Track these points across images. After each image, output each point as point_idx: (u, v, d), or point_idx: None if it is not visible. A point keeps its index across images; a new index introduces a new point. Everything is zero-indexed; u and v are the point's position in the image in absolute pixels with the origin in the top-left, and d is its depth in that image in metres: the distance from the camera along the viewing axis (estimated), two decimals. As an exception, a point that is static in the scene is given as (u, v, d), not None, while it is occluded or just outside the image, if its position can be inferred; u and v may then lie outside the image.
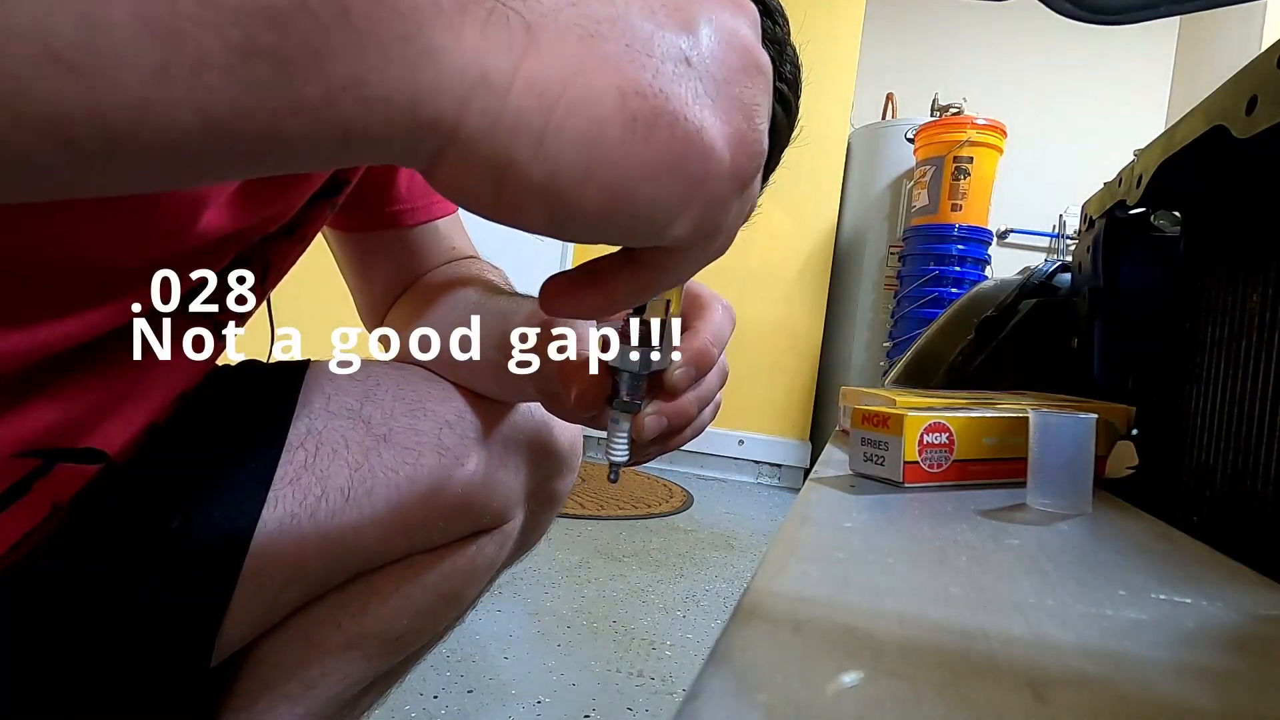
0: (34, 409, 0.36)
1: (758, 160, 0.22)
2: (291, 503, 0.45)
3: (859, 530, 0.36)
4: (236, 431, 0.47)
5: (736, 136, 0.21)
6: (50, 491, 0.38)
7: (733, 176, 0.21)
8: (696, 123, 0.20)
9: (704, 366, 0.38)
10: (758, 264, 2.78)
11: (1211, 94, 0.43)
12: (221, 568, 0.43)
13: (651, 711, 1.03)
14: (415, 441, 0.50)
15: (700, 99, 0.20)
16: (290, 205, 0.43)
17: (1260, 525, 0.40)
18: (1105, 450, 0.53)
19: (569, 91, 0.18)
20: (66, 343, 0.36)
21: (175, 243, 0.36)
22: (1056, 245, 3.34)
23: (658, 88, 0.19)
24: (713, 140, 0.20)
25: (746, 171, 0.22)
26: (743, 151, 0.21)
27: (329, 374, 0.52)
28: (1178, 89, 3.31)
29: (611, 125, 0.19)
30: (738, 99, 0.21)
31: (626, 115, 0.19)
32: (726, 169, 0.21)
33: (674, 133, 0.20)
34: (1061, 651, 0.23)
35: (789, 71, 0.46)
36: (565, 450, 0.59)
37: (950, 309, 0.96)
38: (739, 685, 0.20)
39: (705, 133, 0.20)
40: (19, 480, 0.37)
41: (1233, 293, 0.47)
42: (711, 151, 0.20)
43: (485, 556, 0.56)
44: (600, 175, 0.19)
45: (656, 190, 0.20)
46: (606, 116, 0.19)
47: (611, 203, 0.20)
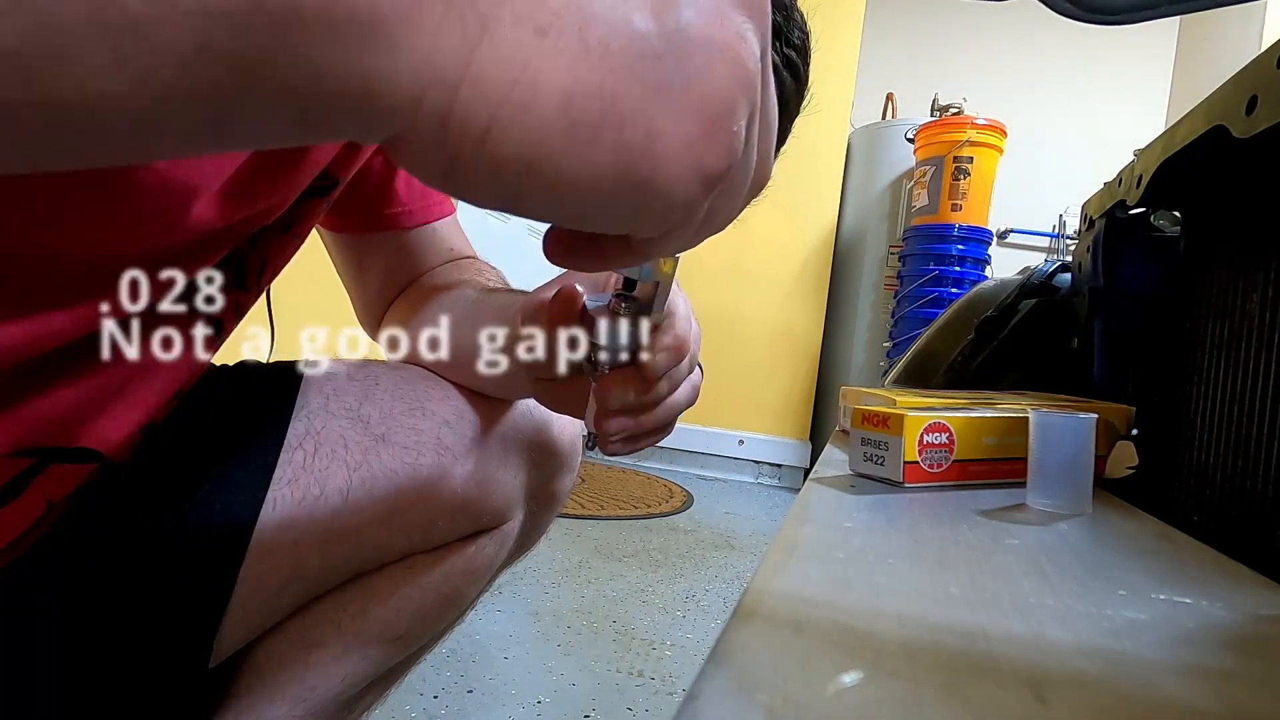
0: (27, 406, 0.36)
1: (728, 159, 0.21)
2: (290, 503, 0.45)
3: (859, 530, 0.36)
4: (234, 431, 0.47)
5: (701, 138, 0.20)
6: (45, 490, 0.38)
7: (694, 180, 0.20)
8: (648, 127, 0.19)
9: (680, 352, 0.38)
10: (757, 264, 2.78)
11: (1211, 94, 0.43)
12: (220, 568, 0.43)
13: (651, 711, 1.03)
14: (414, 441, 0.50)
15: (660, 99, 0.19)
16: (282, 200, 0.43)
17: (1260, 525, 0.40)
18: (1105, 450, 0.53)
19: (514, 92, 0.18)
20: (60, 339, 0.35)
21: (166, 235, 0.36)
22: (1056, 245, 3.34)
23: (608, 89, 0.18)
24: (667, 145, 0.19)
25: (713, 172, 0.20)
26: (708, 153, 0.20)
27: (328, 374, 0.52)
28: (1178, 89, 3.31)
29: (555, 128, 0.18)
30: (708, 95, 0.20)
31: (570, 119, 0.18)
32: (684, 174, 0.20)
33: (622, 138, 0.19)
34: (1061, 651, 0.23)
35: (796, 37, 0.44)
36: (565, 450, 0.59)
37: (950, 309, 0.96)
38: (739, 685, 0.20)
39: (659, 138, 0.19)
40: (13, 478, 0.37)
41: (1233, 293, 0.47)
42: (664, 157, 0.19)
43: (485, 556, 0.55)
44: (543, 176, 0.19)
45: (603, 193, 0.19)
46: (550, 120, 0.18)
47: (557, 202, 0.19)
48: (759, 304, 2.78)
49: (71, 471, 0.39)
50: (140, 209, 0.34)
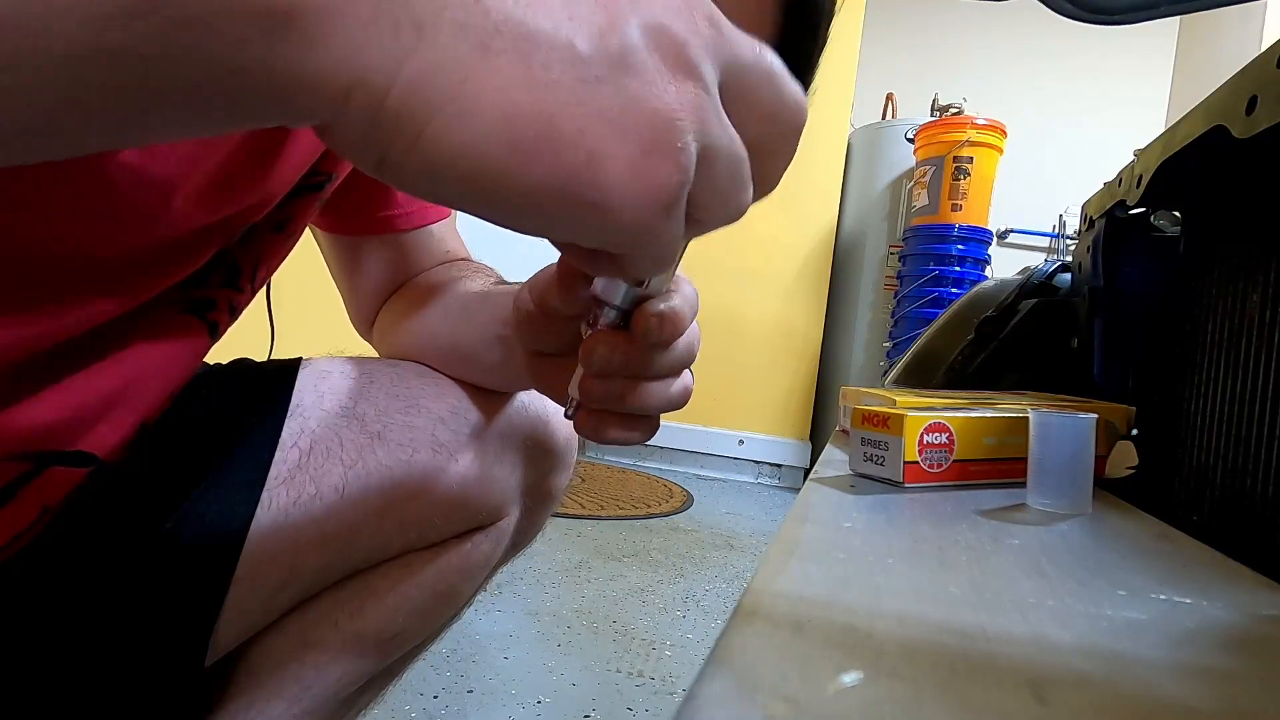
0: (22, 410, 0.35)
1: (676, 178, 0.20)
2: (286, 501, 0.45)
3: (859, 530, 0.36)
4: (229, 431, 0.47)
5: (644, 160, 0.19)
6: (40, 495, 0.38)
7: (642, 201, 0.20)
8: (588, 150, 0.19)
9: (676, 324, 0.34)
10: (757, 264, 2.78)
11: (1211, 94, 0.43)
12: (216, 567, 0.43)
13: (651, 711, 1.03)
14: (409, 438, 0.50)
15: (600, 123, 0.19)
16: (269, 195, 0.43)
17: (1260, 525, 0.40)
18: (1105, 450, 0.53)
19: (453, 103, 0.18)
20: (53, 340, 0.35)
21: (148, 232, 0.36)
22: (1056, 245, 3.34)
23: (547, 112, 0.18)
24: (609, 168, 0.19)
25: (661, 192, 0.20)
26: (653, 174, 0.20)
27: (322, 372, 0.52)
28: (1178, 89, 3.31)
29: (489, 148, 0.18)
30: (649, 118, 0.19)
31: (506, 141, 0.18)
32: (630, 195, 0.20)
33: (560, 160, 0.19)
34: (1061, 651, 0.23)
35: None
36: (561, 447, 0.59)
37: (950, 309, 0.96)
38: (739, 685, 0.20)
39: (599, 161, 0.19)
40: (8, 483, 0.36)
41: (1233, 293, 0.47)
42: (606, 180, 0.19)
43: (481, 553, 0.55)
44: (480, 186, 0.19)
45: (543, 209, 0.19)
46: (483, 140, 0.18)
47: (497, 211, 0.19)
48: (759, 304, 2.78)
49: (68, 475, 0.39)
50: (115, 204, 0.33)
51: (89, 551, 0.41)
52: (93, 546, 0.41)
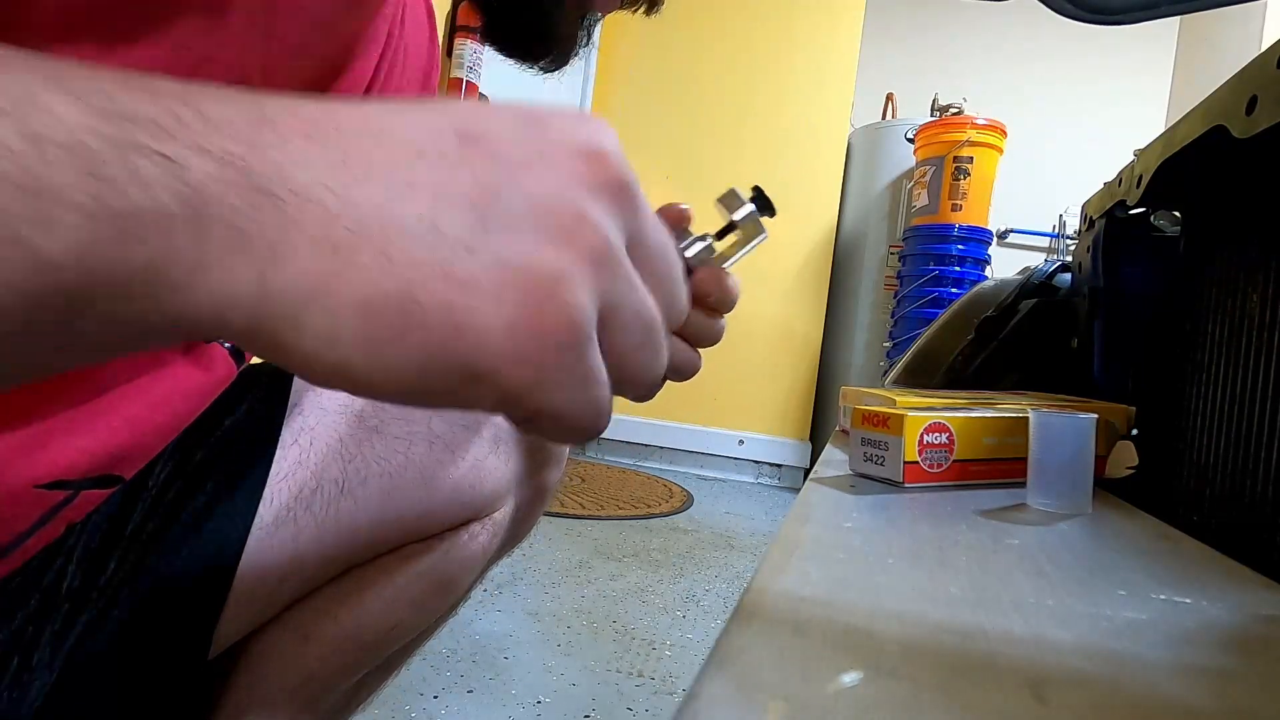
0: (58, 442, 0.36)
1: (568, 328, 0.20)
2: (287, 497, 0.46)
3: (859, 530, 0.36)
4: (229, 429, 0.48)
5: (526, 318, 0.19)
6: (70, 514, 0.39)
7: (528, 355, 0.20)
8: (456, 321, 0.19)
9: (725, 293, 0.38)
10: (757, 264, 2.77)
11: (1211, 94, 0.43)
12: (219, 562, 0.44)
13: (651, 711, 1.03)
14: (406, 431, 0.50)
15: (469, 291, 0.19)
16: None
17: (1260, 525, 0.40)
18: (1105, 450, 0.53)
19: (308, 309, 0.18)
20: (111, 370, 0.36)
21: None
22: (1056, 245, 3.34)
23: (409, 294, 0.18)
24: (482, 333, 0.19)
25: (552, 343, 0.20)
26: (539, 328, 0.19)
27: None
28: (1178, 89, 3.31)
29: (351, 337, 0.18)
30: (535, 272, 0.19)
31: (368, 327, 0.18)
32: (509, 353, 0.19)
33: (427, 338, 0.19)
34: (1061, 651, 0.23)
35: None
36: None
37: (950, 309, 0.96)
38: (739, 686, 0.20)
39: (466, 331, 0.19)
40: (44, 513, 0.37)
41: (1233, 293, 0.47)
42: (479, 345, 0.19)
43: (478, 544, 0.56)
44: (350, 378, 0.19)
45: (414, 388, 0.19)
46: (347, 329, 0.18)
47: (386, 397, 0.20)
48: (759, 304, 2.78)
49: (97, 495, 0.40)
50: None
51: (94, 548, 0.42)
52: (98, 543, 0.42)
